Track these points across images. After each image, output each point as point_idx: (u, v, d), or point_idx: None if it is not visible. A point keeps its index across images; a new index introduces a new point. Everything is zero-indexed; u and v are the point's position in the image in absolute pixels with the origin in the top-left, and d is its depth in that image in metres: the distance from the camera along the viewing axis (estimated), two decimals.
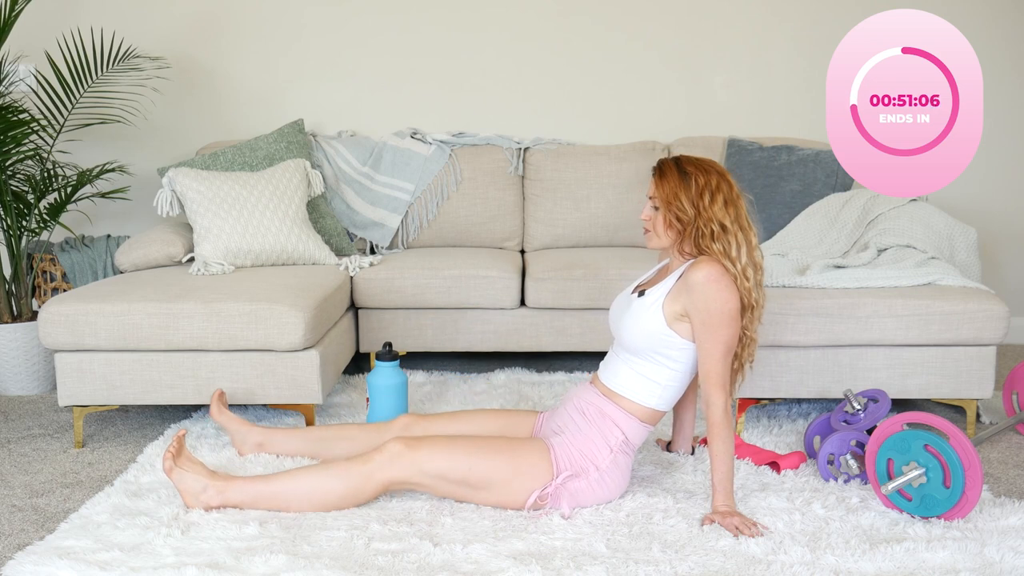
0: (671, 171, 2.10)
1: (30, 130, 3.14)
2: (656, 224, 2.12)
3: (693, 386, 2.41)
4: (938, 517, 2.02)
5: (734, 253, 2.05)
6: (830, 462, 2.28)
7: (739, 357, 2.15)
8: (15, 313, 3.25)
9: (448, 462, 2.05)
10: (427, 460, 2.04)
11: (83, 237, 3.54)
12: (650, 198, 2.14)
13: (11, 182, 3.22)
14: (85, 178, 3.30)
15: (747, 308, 2.08)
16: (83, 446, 2.62)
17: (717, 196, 2.06)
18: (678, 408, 2.45)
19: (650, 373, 2.12)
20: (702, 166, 2.10)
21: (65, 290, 3.37)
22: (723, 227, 2.05)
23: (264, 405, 2.79)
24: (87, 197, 3.43)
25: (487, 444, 2.10)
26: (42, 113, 3.32)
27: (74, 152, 3.62)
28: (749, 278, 2.06)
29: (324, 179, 3.50)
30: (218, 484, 2.06)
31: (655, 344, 2.09)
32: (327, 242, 3.33)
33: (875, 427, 2.23)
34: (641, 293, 2.16)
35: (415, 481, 2.07)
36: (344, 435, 2.38)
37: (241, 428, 2.43)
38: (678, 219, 2.08)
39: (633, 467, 2.35)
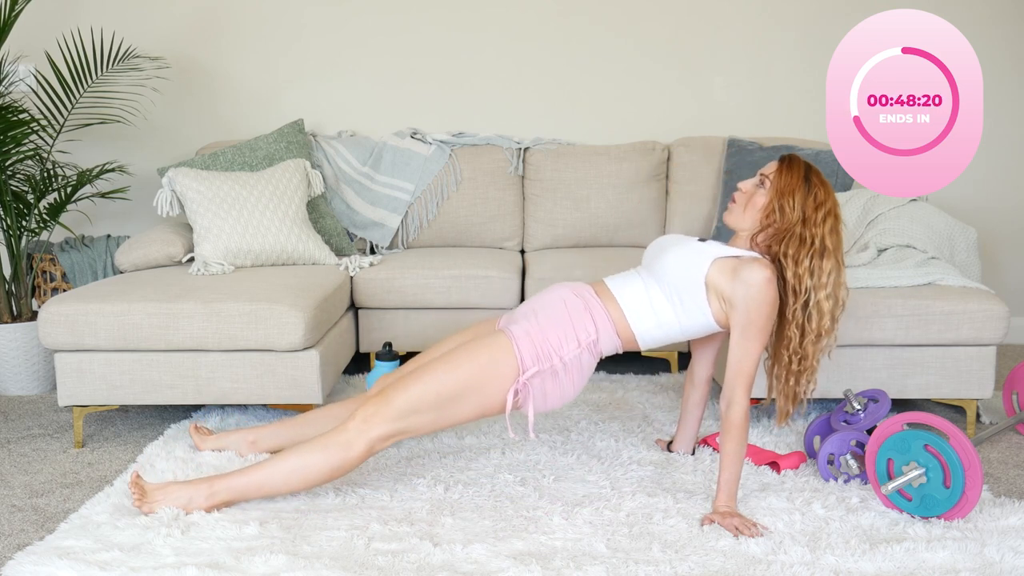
0: (799, 169, 2.11)
1: (30, 130, 3.14)
2: (751, 201, 2.12)
3: (704, 389, 2.41)
4: (938, 517, 2.02)
5: (824, 279, 2.06)
6: (830, 462, 2.28)
7: (799, 382, 2.15)
8: (15, 313, 3.25)
9: (414, 394, 2.03)
10: (395, 403, 2.02)
11: (83, 237, 3.54)
12: (762, 175, 2.13)
13: (11, 182, 3.22)
14: (85, 178, 3.30)
15: (814, 334, 2.08)
16: (83, 446, 2.62)
17: (828, 219, 2.08)
18: (687, 406, 2.44)
19: (659, 305, 2.11)
20: (827, 186, 2.12)
21: (65, 290, 3.37)
22: (825, 248, 2.06)
23: (264, 405, 2.79)
24: (87, 197, 3.43)
25: (446, 359, 2.07)
26: (42, 113, 3.32)
27: (74, 152, 3.62)
28: (826, 308, 2.06)
29: (324, 179, 3.51)
30: (202, 488, 2.05)
31: (684, 286, 2.08)
32: (327, 242, 3.33)
33: (875, 427, 2.23)
34: (702, 240, 2.18)
35: (395, 430, 2.04)
36: (330, 414, 2.37)
37: (230, 439, 2.43)
38: (781, 211, 2.08)
39: (632, 467, 2.35)
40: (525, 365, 2.04)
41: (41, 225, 3.29)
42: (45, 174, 3.27)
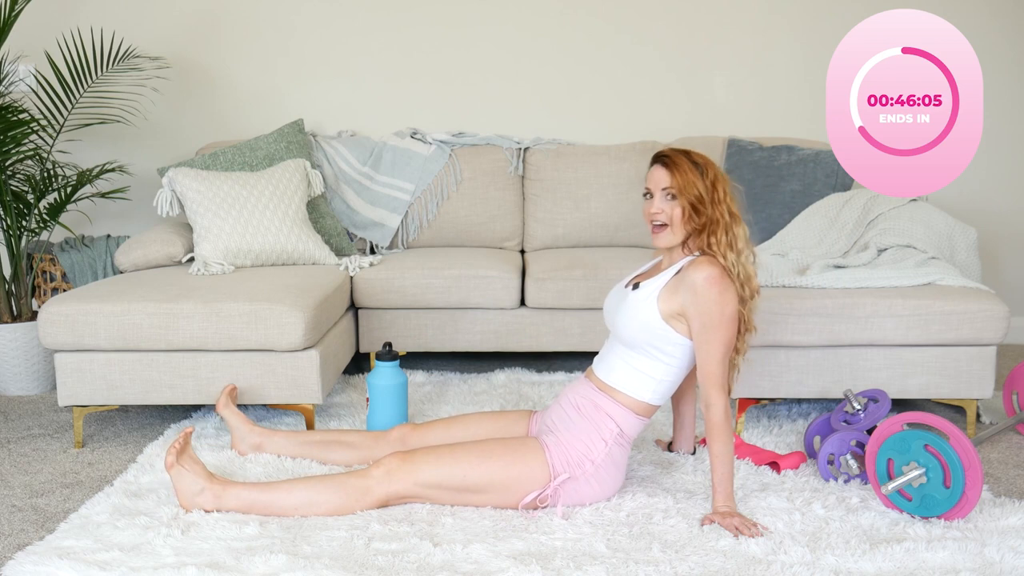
0: (684, 161, 2.08)
1: (30, 130, 3.14)
2: (674, 217, 2.08)
3: (693, 386, 2.41)
4: (938, 517, 2.02)
5: (740, 244, 2.06)
6: (830, 462, 2.28)
7: (735, 346, 2.13)
8: (15, 313, 3.25)
9: (443, 471, 2.06)
10: (423, 472, 2.06)
11: (83, 237, 3.54)
12: (665, 189, 2.08)
13: (11, 182, 3.22)
14: (85, 178, 3.30)
15: (749, 299, 2.09)
16: (83, 446, 2.62)
17: (721, 185, 2.08)
18: (678, 407, 2.45)
19: (645, 367, 2.11)
20: (704, 156, 2.11)
21: (65, 290, 3.37)
22: (732, 215, 2.06)
23: (264, 405, 2.79)
24: (87, 197, 3.43)
25: (481, 449, 2.10)
26: (42, 113, 3.32)
27: (74, 152, 3.62)
28: (751, 270, 2.07)
29: (324, 179, 3.50)
30: (215, 488, 2.06)
31: (650, 338, 2.08)
32: (327, 242, 3.33)
33: (875, 427, 2.23)
34: (635, 286, 2.16)
35: (413, 494, 2.08)
36: (341, 440, 2.39)
37: (242, 426, 2.43)
38: (695, 210, 2.06)
39: (633, 467, 2.35)
40: (556, 471, 2.07)
41: (41, 225, 3.29)
42: (45, 174, 3.27)
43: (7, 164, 3.14)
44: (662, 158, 2.11)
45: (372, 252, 3.54)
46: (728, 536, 1.95)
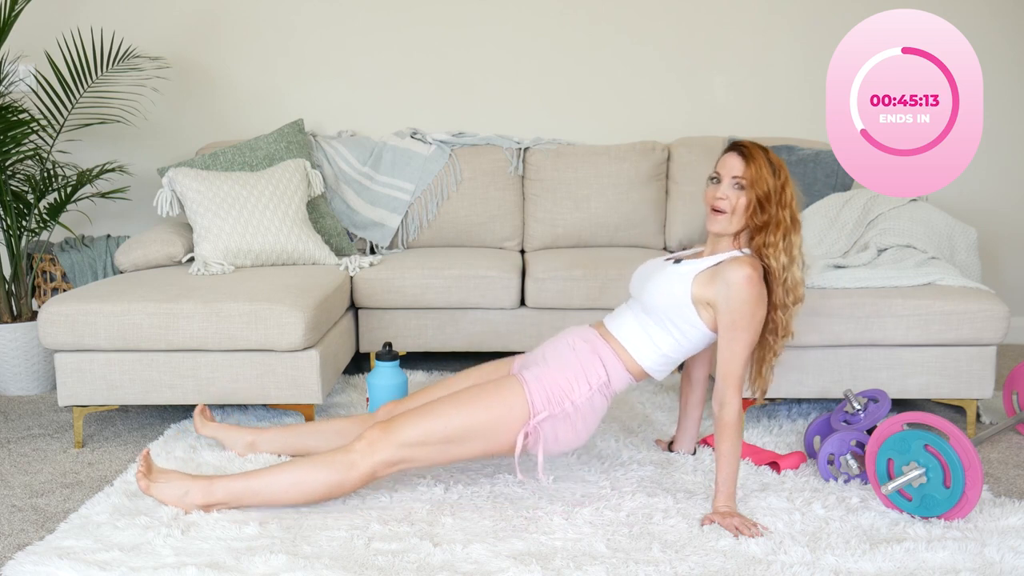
0: (760, 155, 2.08)
1: (30, 130, 3.14)
2: (738, 206, 2.08)
3: (701, 388, 2.42)
4: (938, 517, 2.02)
5: (794, 252, 2.07)
6: (830, 462, 2.28)
7: (774, 349, 2.14)
8: (15, 313, 3.25)
9: (423, 427, 2.04)
10: (403, 433, 2.03)
11: (83, 237, 3.54)
12: (734, 177, 2.08)
13: (11, 182, 3.22)
14: (85, 178, 3.30)
15: (793, 306, 2.09)
16: (83, 446, 2.62)
17: (788, 188, 2.08)
18: (686, 407, 2.45)
19: (657, 336, 2.13)
20: (780, 158, 2.11)
21: (65, 290, 3.37)
22: (795, 221, 2.07)
23: (264, 405, 2.79)
24: (87, 197, 3.43)
25: (458, 397, 2.09)
26: (42, 113, 3.32)
27: (74, 152, 3.62)
28: (799, 276, 2.08)
29: (324, 179, 3.50)
30: (201, 484, 2.06)
31: (673, 312, 2.09)
32: (327, 242, 3.33)
33: (875, 427, 2.23)
34: (677, 261, 2.18)
35: (400, 458, 2.05)
36: (333, 428, 2.38)
37: (229, 433, 2.43)
38: (760, 205, 2.06)
39: (633, 467, 2.35)
40: (536, 409, 2.06)
41: (41, 225, 3.29)
42: (45, 174, 3.27)
43: (7, 164, 3.14)
44: (740, 147, 2.10)
45: (372, 252, 3.54)
46: (728, 536, 1.96)
